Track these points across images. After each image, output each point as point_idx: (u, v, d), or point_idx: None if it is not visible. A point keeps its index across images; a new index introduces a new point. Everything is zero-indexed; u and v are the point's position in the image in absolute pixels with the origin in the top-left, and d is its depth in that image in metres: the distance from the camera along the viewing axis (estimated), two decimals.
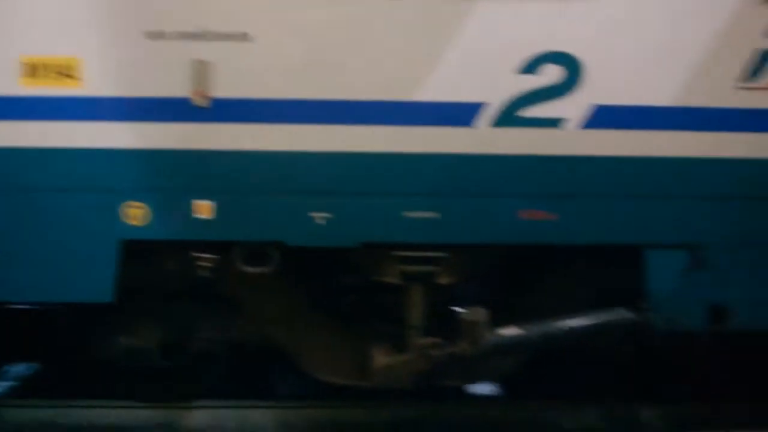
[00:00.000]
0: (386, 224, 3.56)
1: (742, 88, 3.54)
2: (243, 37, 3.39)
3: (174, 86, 3.38)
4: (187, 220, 3.49)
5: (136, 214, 3.46)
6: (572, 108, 3.51)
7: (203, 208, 3.51)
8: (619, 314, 3.75)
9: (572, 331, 3.74)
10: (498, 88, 3.48)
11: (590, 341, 3.90)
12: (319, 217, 3.53)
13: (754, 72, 3.52)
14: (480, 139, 3.52)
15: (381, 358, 3.84)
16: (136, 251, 3.51)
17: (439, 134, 3.52)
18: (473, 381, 4.02)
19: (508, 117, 3.50)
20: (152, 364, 4.01)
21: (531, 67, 3.48)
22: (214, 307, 4.03)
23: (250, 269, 3.60)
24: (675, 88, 3.53)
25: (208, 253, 3.60)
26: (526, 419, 4.23)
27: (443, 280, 3.77)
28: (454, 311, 3.76)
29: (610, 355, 4.39)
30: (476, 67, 3.47)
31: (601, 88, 3.50)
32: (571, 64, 3.48)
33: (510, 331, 3.71)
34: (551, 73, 3.48)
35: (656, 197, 3.62)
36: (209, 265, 3.61)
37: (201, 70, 3.38)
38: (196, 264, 3.60)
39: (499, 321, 3.70)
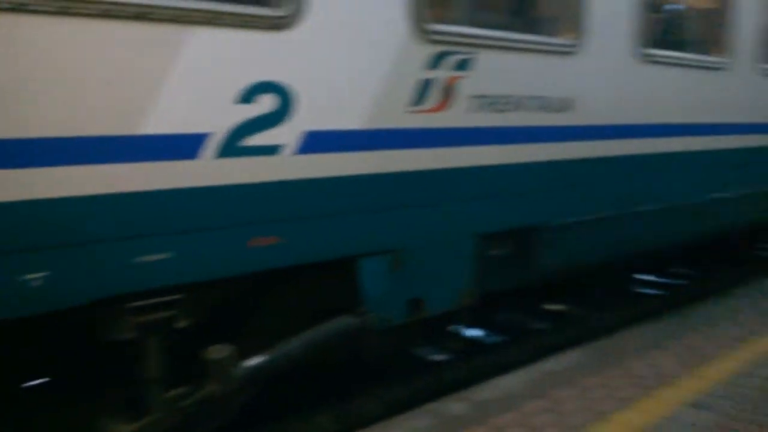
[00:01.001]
0: (117, 274, 3.16)
1: (411, 112, 4.21)
2: None
3: None
4: None
5: None
6: (286, 135, 3.67)
7: None
8: (345, 321, 4.08)
9: (309, 345, 3.92)
10: (219, 119, 3.43)
11: (324, 350, 4.11)
12: (35, 278, 2.94)
13: (419, 98, 4.22)
14: (206, 171, 3.42)
15: (121, 428, 3.39)
16: None
17: (164, 169, 3.29)
18: (225, 419, 3.83)
19: (231, 147, 3.48)
20: None
21: (247, 97, 3.52)
22: None
23: None
24: (363, 113, 3.99)
25: None
26: None
27: (181, 324, 3.52)
28: (197, 354, 3.55)
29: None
30: (196, 98, 3.34)
31: (309, 115, 3.74)
32: (282, 94, 3.63)
33: (255, 361, 3.70)
34: (266, 103, 3.58)
35: (360, 212, 4.04)
36: None
37: None
38: None
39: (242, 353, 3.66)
